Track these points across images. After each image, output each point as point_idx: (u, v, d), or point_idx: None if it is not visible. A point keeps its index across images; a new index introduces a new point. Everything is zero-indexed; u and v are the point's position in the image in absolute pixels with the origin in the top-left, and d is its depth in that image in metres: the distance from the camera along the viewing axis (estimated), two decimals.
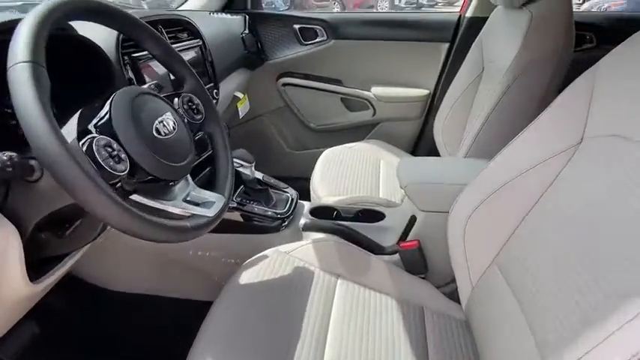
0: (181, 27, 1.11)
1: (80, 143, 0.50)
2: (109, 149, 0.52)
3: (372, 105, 1.79)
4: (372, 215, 1.13)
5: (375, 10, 8.71)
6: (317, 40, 1.73)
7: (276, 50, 1.77)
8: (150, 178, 0.58)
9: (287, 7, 1.92)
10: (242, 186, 1.11)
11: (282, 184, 1.18)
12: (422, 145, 1.85)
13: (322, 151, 1.54)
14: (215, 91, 1.17)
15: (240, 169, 1.05)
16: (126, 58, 0.83)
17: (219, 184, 0.73)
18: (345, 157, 1.47)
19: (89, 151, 0.50)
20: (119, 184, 0.54)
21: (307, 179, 1.41)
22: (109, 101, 0.57)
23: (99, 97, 0.59)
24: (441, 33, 1.67)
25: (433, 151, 1.58)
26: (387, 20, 1.72)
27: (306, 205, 1.16)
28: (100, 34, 0.76)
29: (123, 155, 0.53)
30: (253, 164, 1.07)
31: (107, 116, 0.55)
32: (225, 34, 1.50)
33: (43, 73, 0.47)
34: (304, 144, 1.94)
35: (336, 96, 1.81)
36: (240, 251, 1.02)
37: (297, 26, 1.72)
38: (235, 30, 1.60)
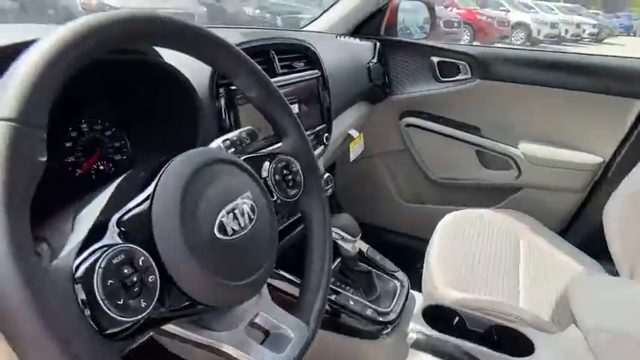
0: (300, 54, 0.91)
1: (79, 259, 0.29)
2: (128, 271, 0.30)
3: (516, 165, 1.42)
4: (512, 339, 0.79)
5: (539, 48, 7.75)
6: (458, 77, 1.43)
7: (404, 84, 1.51)
8: (191, 302, 0.35)
9: (425, 37, 1.65)
10: (338, 260, 0.85)
11: (389, 264, 0.91)
12: (577, 227, 1.41)
13: (441, 210, 1.24)
14: (326, 135, 0.94)
15: (340, 242, 0.80)
16: (221, 90, 0.63)
17: (305, 300, 0.48)
18: (473, 229, 1.14)
19: (86, 279, 0.28)
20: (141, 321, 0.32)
21: (418, 239, 1.15)
22: (158, 176, 0.36)
23: (185, 143, 0.40)
24: (633, 85, 1.25)
25: (593, 238, 1.15)
26: (556, 62, 1.34)
27: (418, 301, 0.87)
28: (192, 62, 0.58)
29: (150, 278, 0.31)
30: (358, 237, 0.81)
31: (147, 203, 0.34)
32: (350, 62, 1.29)
33: (32, 139, 0.27)
34: (421, 197, 1.63)
35: (470, 147, 1.47)
36: (317, 355, 0.76)
37: (435, 59, 1.44)
38: (362, 58, 1.38)
